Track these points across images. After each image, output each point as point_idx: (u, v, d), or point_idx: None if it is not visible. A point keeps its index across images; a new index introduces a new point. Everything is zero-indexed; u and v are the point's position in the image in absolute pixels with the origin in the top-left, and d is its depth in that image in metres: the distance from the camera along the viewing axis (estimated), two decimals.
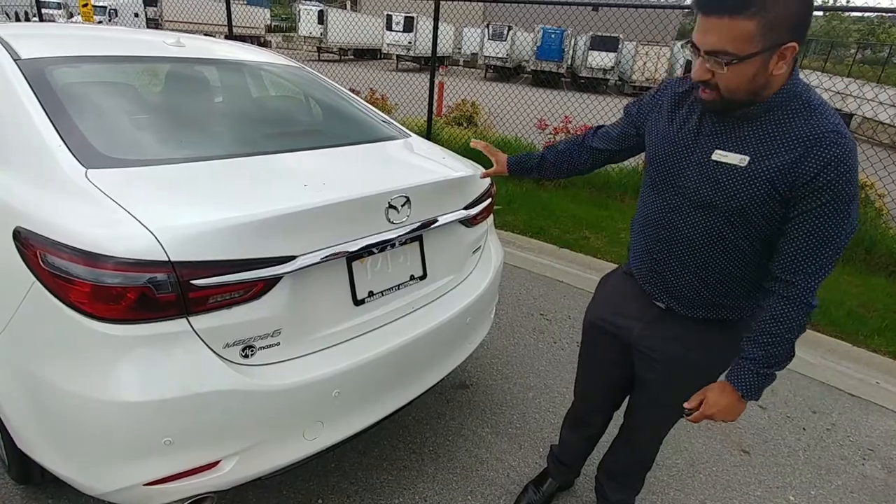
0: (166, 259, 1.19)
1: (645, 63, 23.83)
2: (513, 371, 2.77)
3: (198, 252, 1.23)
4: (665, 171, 1.33)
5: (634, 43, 23.54)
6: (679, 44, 22.98)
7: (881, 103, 16.16)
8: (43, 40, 1.94)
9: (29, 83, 1.60)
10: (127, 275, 1.18)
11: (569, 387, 2.68)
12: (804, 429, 2.56)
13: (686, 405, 1.34)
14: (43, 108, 1.52)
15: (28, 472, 1.69)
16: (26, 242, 1.26)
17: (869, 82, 19.02)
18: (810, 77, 19.73)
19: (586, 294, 3.53)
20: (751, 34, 1.02)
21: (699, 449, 2.34)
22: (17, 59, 1.70)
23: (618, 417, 1.79)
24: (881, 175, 5.18)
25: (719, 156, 1.21)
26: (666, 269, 1.38)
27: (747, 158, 1.17)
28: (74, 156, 1.39)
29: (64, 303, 1.20)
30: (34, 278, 1.24)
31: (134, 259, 1.18)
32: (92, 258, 1.18)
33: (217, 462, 1.35)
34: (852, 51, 26.83)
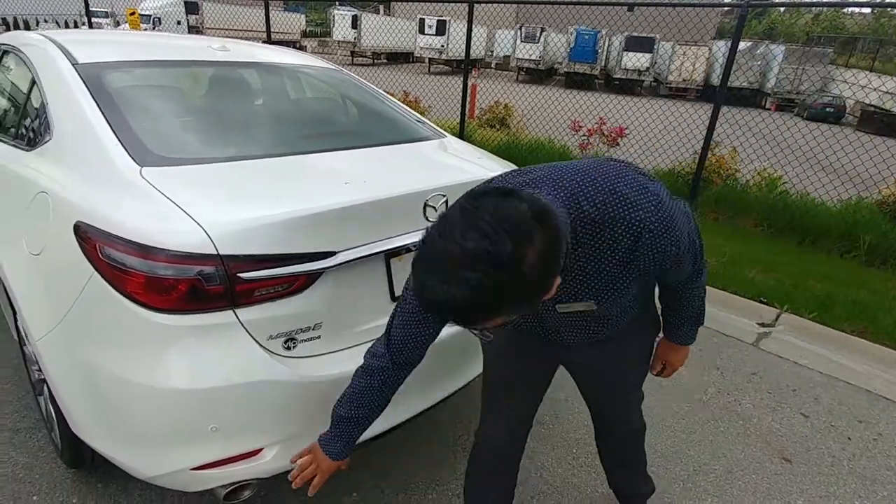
0: (215, 252, 1.24)
1: (682, 63, 23.36)
2: None
3: (245, 246, 1.28)
4: (519, 337, 1.37)
5: (671, 43, 23.10)
6: (717, 43, 22.42)
7: None
8: (98, 46, 2.04)
9: (87, 86, 1.69)
10: (179, 267, 1.23)
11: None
12: (849, 438, 2.47)
13: (652, 372, 1.60)
14: (100, 109, 1.61)
15: (80, 456, 1.77)
16: (85, 236, 1.33)
17: None
18: (853, 76, 18.95)
19: None
20: (507, 316, 0.87)
21: (738, 456, 2.29)
22: (75, 64, 1.80)
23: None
24: None
25: (564, 308, 1.18)
26: (570, 335, 1.34)
27: (594, 303, 1.15)
28: (129, 154, 1.47)
29: (120, 293, 1.27)
30: (93, 270, 1.31)
31: (185, 252, 1.23)
32: (147, 251, 1.24)
33: (260, 450, 1.40)
34: None
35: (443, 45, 26.15)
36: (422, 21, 26.41)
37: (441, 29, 26.06)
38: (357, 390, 1.27)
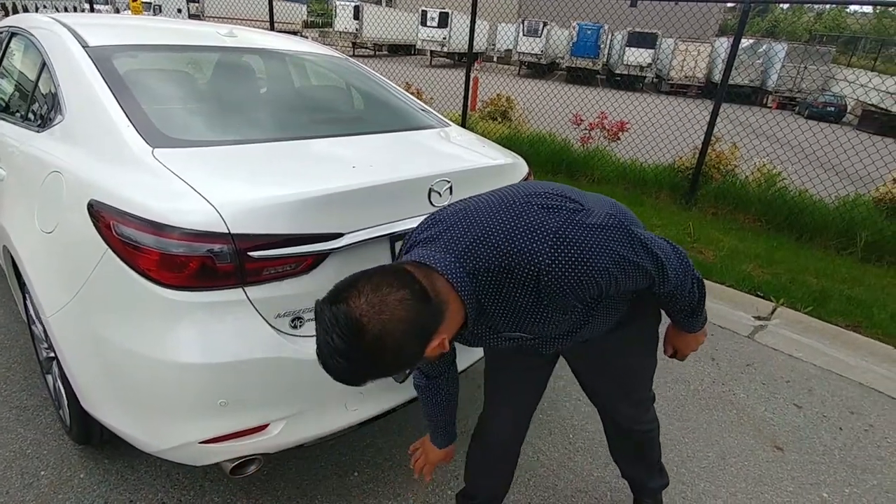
0: (226, 231, 1.28)
1: (684, 59, 23.32)
2: None
3: (255, 226, 1.31)
4: (499, 350, 1.42)
5: (673, 39, 23.05)
6: (719, 40, 22.39)
7: None
8: (108, 30, 2.06)
9: (98, 68, 1.72)
10: (191, 244, 1.27)
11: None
12: (841, 428, 2.52)
13: (665, 354, 1.57)
14: (111, 91, 1.64)
15: (88, 432, 1.81)
16: (99, 214, 1.36)
17: None
18: (855, 76, 18.97)
19: None
20: (392, 375, 1.00)
21: (731, 443, 2.34)
22: (85, 47, 1.82)
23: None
24: None
25: (509, 335, 1.21)
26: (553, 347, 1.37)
27: (526, 335, 1.19)
28: (141, 136, 1.50)
29: (133, 269, 1.30)
30: (106, 247, 1.34)
31: (198, 230, 1.27)
32: (160, 228, 1.27)
33: (266, 426, 1.44)
34: None
35: (445, 38, 26.06)
36: (424, 13, 26.31)
37: (443, 21, 25.97)
38: (425, 402, 1.50)
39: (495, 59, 29.43)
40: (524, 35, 25.36)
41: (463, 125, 6.63)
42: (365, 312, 0.88)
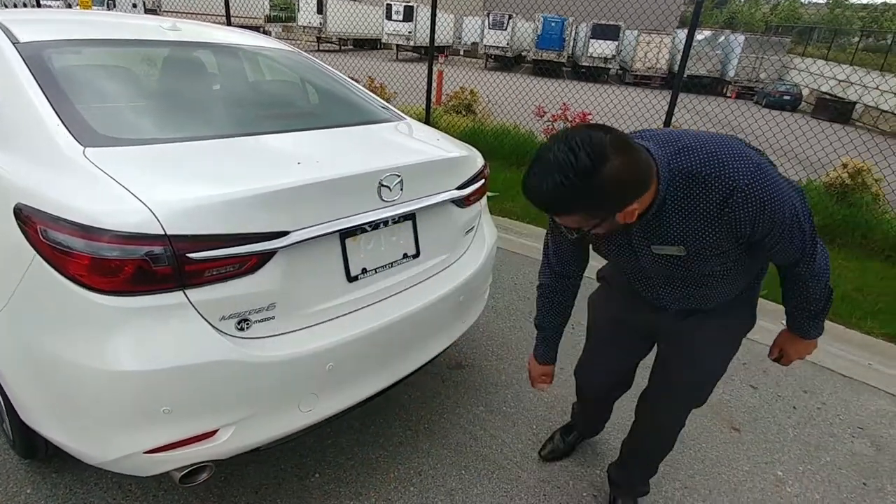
0: (162, 232, 1.23)
1: (646, 52, 23.70)
2: (508, 353, 2.82)
3: (193, 226, 1.26)
4: (625, 265, 1.47)
5: (636, 31, 23.39)
6: (681, 32, 22.83)
7: (883, 92, 16.07)
8: (41, 25, 1.97)
9: (27, 66, 1.63)
10: (124, 248, 1.21)
11: (563, 368, 2.71)
12: (794, 407, 2.60)
13: (770, 357, 1.63)
14: (41, 89, 1.55)
15: (32, 446, 1.74)
16: (27, 218, 1.29)
17: (871, 71, 18.91)
18: (811, 66, 19.64)
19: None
20: (582, 219, 1.15)
21: (689, 426, 2.38)
22: (15, 43, 1.73)
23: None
24: (878, 160, 5.21)
25: (658, 249, 1.32)
26: (671, 294, 1.48)
27: (683, 248, 1.27)
28: (72, 135, 1.43)
29: (64, 276, 1.24)
30: (35, 253, 1.27)
31: (131, 232, 1.21)
32: (90, 232, 1.21)
33: (215, 431, 1.39)
34: (855, 39, 26.63)
35: (410, 32, 25.87)
36: (389, 7, 26.05)
37: (409, 15, 25.76)
38: (540, 306, 1.68)
39: (462, 52, 29.38)
40: (490, 28, 25.36)
41: (427, 119, 6.60)
42: (611, 147, 1.04)
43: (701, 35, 22.57)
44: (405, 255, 1.81)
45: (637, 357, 1.77)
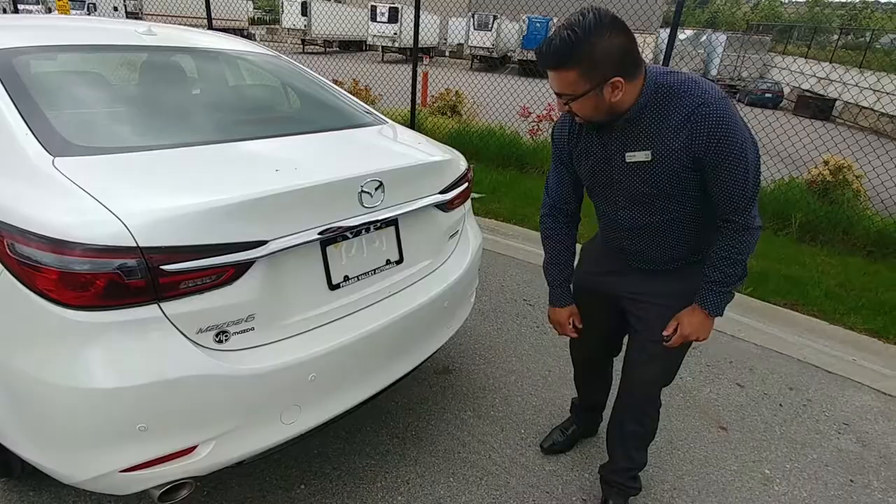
0: (135, 245, 1.19)
1: None
2: (495, 356, 2.80)
3: (167, 237, 1.23)
4: (599, 180, 1.59)
5: None
6: (664, 31, 22.99)
7: (862, 89, 16.32)
8: (9, 31, 1.91)
9: None
10: (95, 261, 1.18)
11: (551, 370, 2.71)
12: (781, 405, 2.62)
13: (664, 332, 1.59)
14: (9, 96, 1.51)
15: (7, 465, 1.68)
16: None
17: (850, 68, 19.21)
18: (790, 63, 19.92)
19: None
20: (576, 80, 1.33)
21: (678, 427, 2.39)
22: None
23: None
24: (858, 156, 5.27)
25: (630, 157, 1.46)
26: (632, 247, 1.64)
27: (649, 152, 1.42)
28: (41, 144, 1.38)
29: (33, 291, 1.20)
30: (2, 267, 1.23)
31: (102, 245, 1.18)
32: (60, 245, 1.17)
33: (193, 447, 1.36)
34: (835, 37, 27.03)
35: (395, 33, 25.80)
36: (374, 8, 25.95)
37: (394, 16, 25.69)
38: (547, 249, 1.83)
39: (447, 53, 29.37)
40: (475, 29, 25.38)
41: (412, 120, 6.57)
42: (615, 21, 1.28)
43: (683, 34, 22.77)
44: (388, 262, 1.78)
45: (613, 324, 1.85)
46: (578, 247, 1.85)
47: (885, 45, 25.79)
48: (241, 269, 1.35)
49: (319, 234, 1.49)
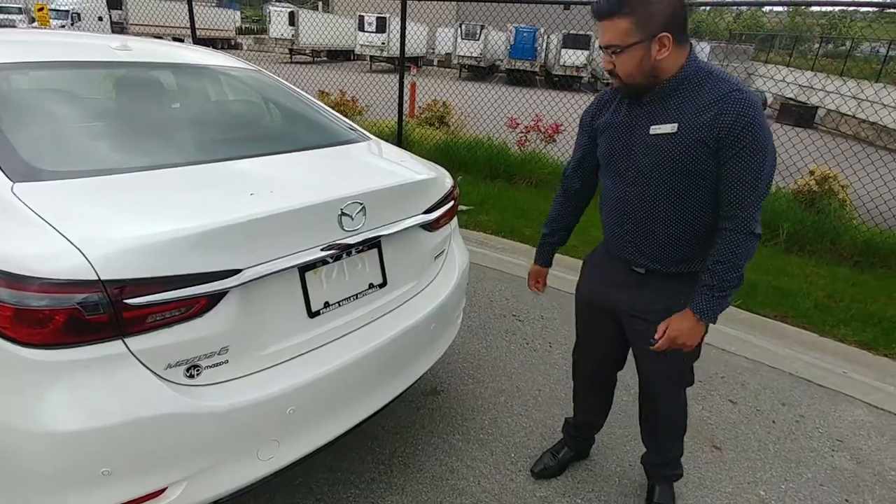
0: (96, 278, 1.12)
1: None
2: (485, 375, 2.74)
3: (131, 269, 1.15)
4: (616, 149, 1.58)
5: None
6: None
7: (843, 97, 16.55)
8: None
9: None
10: (53, 296, 1.10)
11: (542, 389, 2.65)
12: (774, 422, 2.57)
13: (654, 336, 1.56)
14: None
15: None
16: None
17: (831, 76, 19.51)
18: (772, 71, 20.22)
19: (560, 294, 3.51)
20: (627, 29, 1.36)
21: None
22: None
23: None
24: (843, 166, 5.30)
25: (655, 129, 1.47)
26: (637, 236, 1.61)
27: (676, 125, 1.43)
28: (0, 169, 1.31)
29: None
30: None
31: (61, 279, 1.10)
32: (15, 280, 1.10)
33: (163, 490, 1.28)
34: (816, 45, 27.50)
35: (384, 43, 25.86)
36: (361, 18, 26.00)
37: (381, 26, 25.76)
38: (553, 206, 1.95)
39: (435, 62, 29.46)
40: (462, 38, 25.50)
41: (399, 132, 6.52)
42: None
43: None
44: (371, 285, 1.72)
45: (615, 338, 1.84)
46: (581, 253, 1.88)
47: (864, 53, 26.29)
48: (214, 299, 1.28)
49: (297, 260, 1.42)
